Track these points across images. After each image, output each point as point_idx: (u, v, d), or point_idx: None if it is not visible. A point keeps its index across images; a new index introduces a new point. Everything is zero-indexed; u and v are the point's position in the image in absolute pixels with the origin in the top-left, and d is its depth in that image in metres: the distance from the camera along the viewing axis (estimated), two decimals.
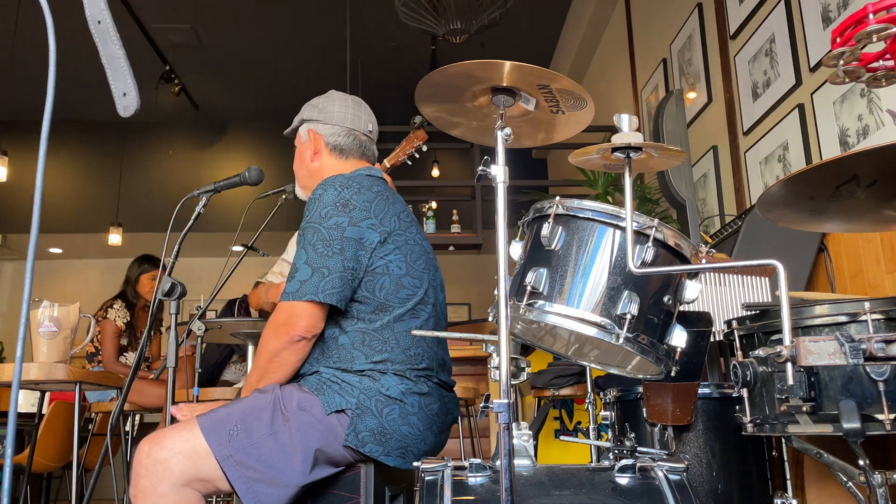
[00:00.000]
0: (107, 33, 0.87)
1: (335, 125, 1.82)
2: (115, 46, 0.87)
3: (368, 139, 1.86)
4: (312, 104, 1.87)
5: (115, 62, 0.87)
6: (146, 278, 4.10)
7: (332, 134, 1.82)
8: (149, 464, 1.42)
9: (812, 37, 2.80)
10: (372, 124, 1.88)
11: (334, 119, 1.82)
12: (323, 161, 1.82)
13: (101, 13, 0.87)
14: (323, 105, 1.85)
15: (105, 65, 0.88)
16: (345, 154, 1.82)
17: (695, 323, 1.54)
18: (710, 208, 3.69)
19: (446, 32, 4.61)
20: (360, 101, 1.88)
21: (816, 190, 1.26)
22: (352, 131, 1.82)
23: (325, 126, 1.82)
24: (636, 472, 1.21)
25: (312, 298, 1.52)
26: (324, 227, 1.57)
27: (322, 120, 1.83)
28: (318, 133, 1.83)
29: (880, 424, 1.26)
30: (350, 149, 1.82)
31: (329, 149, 1.82)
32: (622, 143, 1.25)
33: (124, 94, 0.88)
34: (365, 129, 1.85)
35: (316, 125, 1.83)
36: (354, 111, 1.85)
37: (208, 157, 8.21)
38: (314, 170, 1.83)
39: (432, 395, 1.60)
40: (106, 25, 0.87)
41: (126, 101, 0.88)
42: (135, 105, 0.88)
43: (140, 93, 0.89)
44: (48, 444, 3.76)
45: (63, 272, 8.40)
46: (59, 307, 2.53)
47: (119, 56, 0.87)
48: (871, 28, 1.16)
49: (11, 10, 5.74)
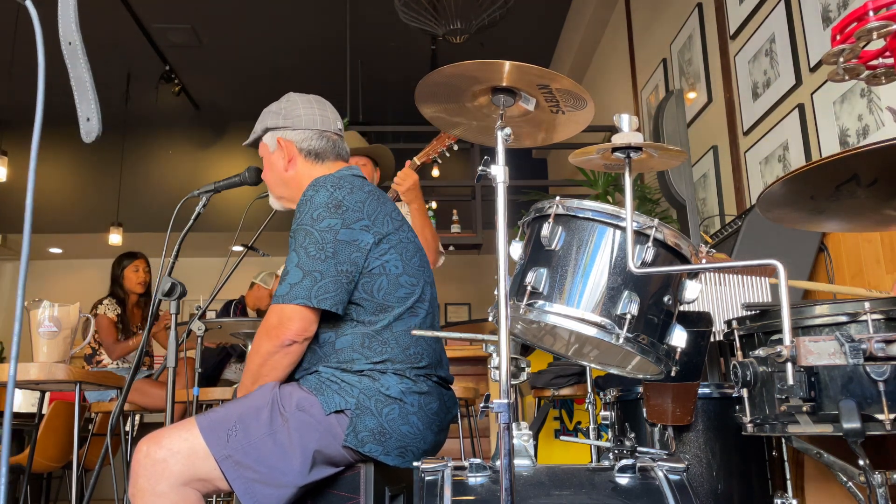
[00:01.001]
0: (76, 55, 0.86)
1: (305, 129, 1.75)
2: (82, 70, 0.86)
3: (339, 138, 1.80)
4: (273, 111, 1.80)
5: (81, 86, 0.86)
6: (129, 271, 4.18)
7: (304, 139, 1.75)
8: (147, 463, 1.42)
9: (812, 37, 2.80)
10: (339, 122, 1.81)
11: (303, 123, 1.75)
12: (299, 168, 1.76)
13: (72, 35, 0.86)
14: (287, 110, 1.77)
15: (73, 87, 0.87)
16: (320, 157, 1.76)
17: (695, 323, 1.54)
18: (710, 208, 3.69)
19: (446, 32, 4.60)
20: (322, 99, 1.82)
21: (816, 189, 1.26)
22: (323, 133, 1.76)
23: (294, 132, 1.75)
24: (636, 472, 1.20)
25: (304, 303, 1.50)
26: (316, 229, 1.54)
27: (290, 126, 1.76)
28: (288, 140, 1.76)
29: (880, 424, 1.26)
30: (325, 151, 1.76)
31: (304, 155, 1.75)
32: (622, 143, 1.25)
33: (87, 119, 0.87)
34: (335, 129, 1.79)
35: (284, 132, 1.76)
36: (321, 112, 1.78)
37: (208, 157, 8.21)
38: (290, 179, 1.76)
39: (432, 394, 1.60)
40: (75, 47, 0.86)
41: (89, 126, 0.87)
42: (96, 131, 0.87)
43: (140, 93, 0.89)
44: (48, 444, 3.76)
45: (63, 272, 8.40)
46: (59, 307, 2.53)
47: (85, 80, 0.86)
48: (871, 25, 1.16)
49: (11, 11, 5.74)
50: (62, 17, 0.86)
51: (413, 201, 2.63)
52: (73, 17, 0.86)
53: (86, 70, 0.86)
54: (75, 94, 0.87)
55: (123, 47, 6.47)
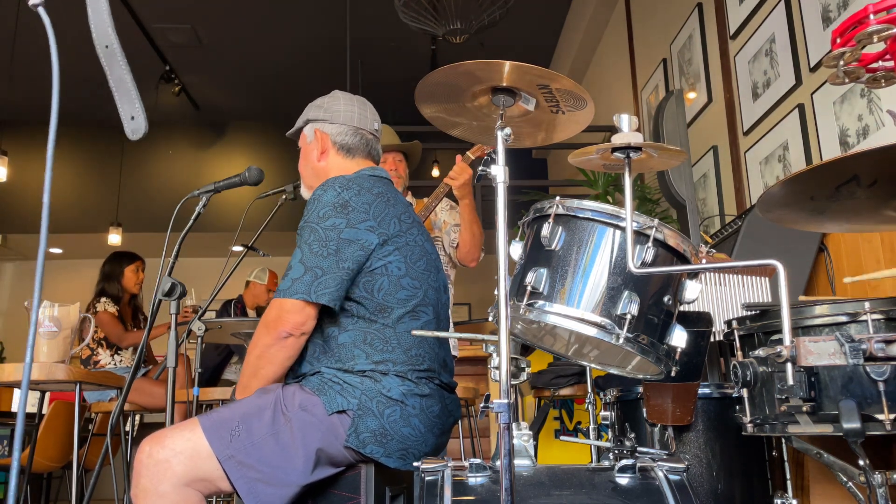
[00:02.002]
0: (114, 57, 0.87)
1: (342, 124, 1.82)
2: (122, 70, 0.87)
3: (374, 138, 1.86)
4: (317, 104, 1.87)
5: (122, 86, 0.87)
6: (130, 271, 4.17)
7: (339, 133, 1.82)
8: (150, 463, 1.43)
9: (812, 37, 2.80)
10: (377, 123, 1.88)
11: (341, 118, 1.82)
12: (330, 160, 1.82)
13: (109, 38, 0.87)
14: (329, 105, 1.84)
15: (113, 88, 0.88)
16: (352, 153, 1.82)
17: (695, 323, 1.54)
18: (710, 208, 3.69)
19: (446, 32, 4.60)
20: (365, 101, 1.88)
21: (816, 190, 1.26)
22: (359, 130, 1.82)
23: (331, 125, 1.82)
24: (636, 472, 1.21)
25: (304, 297, 1.52)
26: (321, 227, 1.58)
27: (329, 119, 1.82)
28: (324, 132, 1.82)
29: (880, 424, 1.26)
30: (357, 147, 1.82)
31: (336, 148, 1.82)
32: (622, 143, 1.25)
33: (132, 117, 0.88)
34: (371, 128, 1.85)
35: (322, 125, 1.83)
36: (360, 110, 1.85)
37: (208, 157, 8.21)
38: (321, 169, 1.83)
39: (433, 397, 1.60)
40: (113, 50, 0.87)
41: (134, 124, 0.88)
42: (143, 128, 0.88)
43: (140, 93, 0.89)
44: (48, 444, 3.76)
45: (63, 272, 8.39)
46: (59, 307, 2.54)
47: (126, 80, 0.87)
48: (871, 28, 1.16)
49: (11, 11, 5.75)
50: (95, 21, 0.86)
51: (465, 196, 2.60)
52: (107, 21, 0.87)
53: (126, 71, 0.88)
54: (115, 95, 0.88)
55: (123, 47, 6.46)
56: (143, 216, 7.59)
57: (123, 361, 3.99)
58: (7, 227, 7.77)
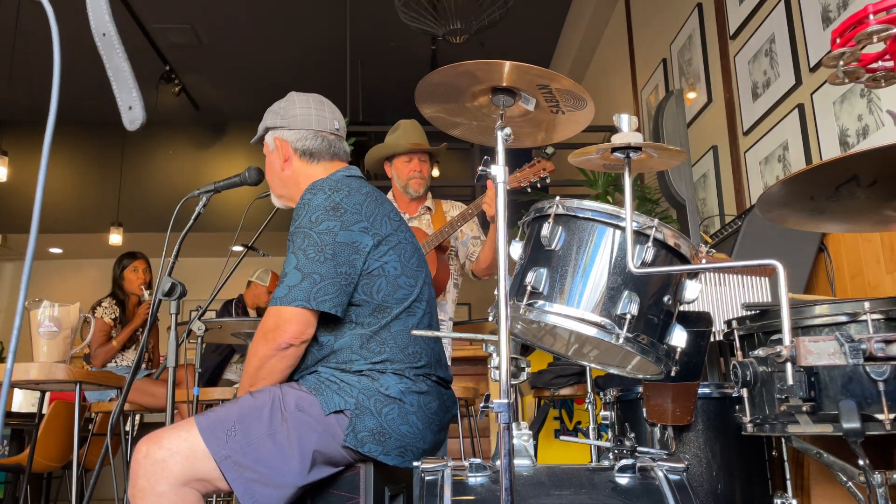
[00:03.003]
0: (112, 46, 0.86)
1: (300, 129, 1.76)
2: (120, 59, 0.86)
3: (337, 137, 1.81)
4: (273, 110, 1.82)
5: (120, 75, 0.86)
6: (129, 272, 4.17)
7: (298, 139, 1.77)
8: (147, 464, 1.42)
9: (812, 37, 2.80)
10: (338, 121, 1.82)
11: (298, 123, 1.77)
12: (295, 168, 1.78)
13: (106, 26, 0.86)
14: (284, 110, 1.79)
15: (111, 78, 0.87)
16: (315, 157, 1.77)
17: (695, 323, 1.54)
18: (710, 208, 3.69)
19: (446, 32, 4.60)
20: (322, 99, 1.83)
21: (816, 190, 1.26)
22: (318, 133, 1.77)
23: (290, 132, 1.77)
24: (636, 472, 1.21)
25: (303, 305, 1.50)
26: (314, 231, 1.55)
27: (286, 126, 1.77)
28: (284, 140, 1.78)
29: (880, 424, 1.26)
30: (319, 151, 1.77)
31: (298, 154, 1.77)
32: (622, 143, 1.25)
33: (130, 107, 0.87)
34: (332, 128, 1.80)
35: (281, 132, 1.78)
36: (318, 111, 1.79)
37: (208, 157, 8.21)
38: (287, 178, 1.79)
39: (431, 394, 1.60)
40: (111, 38, 0.86)
41: (132, 114, 0.87)
42: (140, 118, 0.87)
43: (140, 93, 0.89)
44: (48, 444, 3.76)
45: (63, 272, 8.40)
46: (59, 307, 2.54)
47: (124, 69, 0.87)
48: (871, 29, 1.16)
49: (12, 10, 5.75)
50: (93, 9, 0.85)
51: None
52: (105, 9, 0.86)
53: (124, 60, 0.86)
54: (114, 84, 0.87)
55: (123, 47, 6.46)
56: (143, 216, 7.59)
57: (124, 361, 3.99)
58: (7, 227, 7.78)
